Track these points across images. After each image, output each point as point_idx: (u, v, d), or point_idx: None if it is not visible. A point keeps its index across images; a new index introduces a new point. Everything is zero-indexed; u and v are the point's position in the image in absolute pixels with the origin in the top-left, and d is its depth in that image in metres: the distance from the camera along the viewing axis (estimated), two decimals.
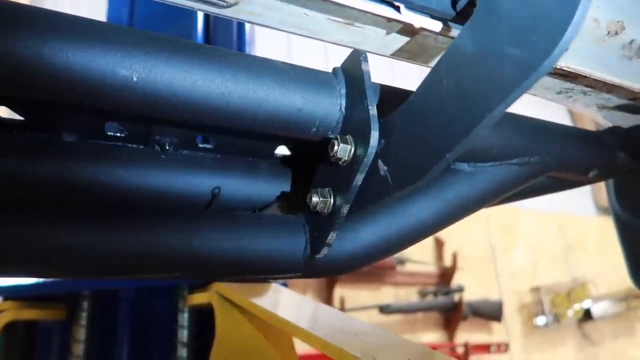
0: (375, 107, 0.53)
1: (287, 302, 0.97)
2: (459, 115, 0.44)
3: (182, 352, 1.16)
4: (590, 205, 6.23)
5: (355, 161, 0.55)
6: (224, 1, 0.51)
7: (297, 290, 3.81)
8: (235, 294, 0.97)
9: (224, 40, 1.57)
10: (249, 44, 1.60)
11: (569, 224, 5.83)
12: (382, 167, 0.54)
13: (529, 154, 0.74)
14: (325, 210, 0.59)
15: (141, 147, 0.68)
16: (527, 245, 5.49)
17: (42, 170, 0.62)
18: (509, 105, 0.40)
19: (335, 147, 0.56)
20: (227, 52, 0.56)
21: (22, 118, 0.62)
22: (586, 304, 5.48)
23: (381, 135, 0.54)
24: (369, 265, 0.71)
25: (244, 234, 0.63)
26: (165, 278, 0.63)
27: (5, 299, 1.19)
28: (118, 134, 0.67)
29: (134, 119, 0.64)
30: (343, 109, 0.59)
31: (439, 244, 4.71)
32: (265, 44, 3.70)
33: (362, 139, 0.54)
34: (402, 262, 4.35)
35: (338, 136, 0.56)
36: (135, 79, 0.49)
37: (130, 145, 0.68)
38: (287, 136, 0.62)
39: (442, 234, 4.64)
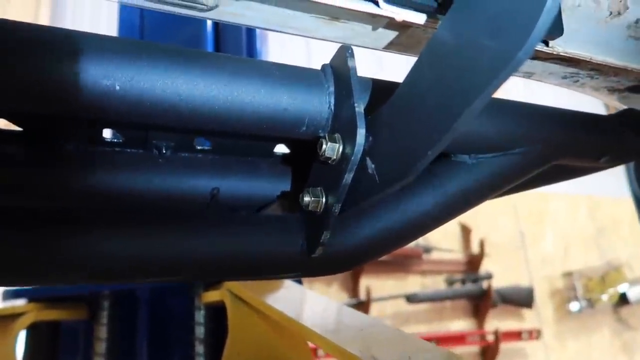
0: (361, 104, 0.52)
1: (297, 299, 0.98)
2: (439, 110, 0.43)
3: (199, 348, 1.18)
4: (623, 187, 6.03)
5: (343, 160, 0.54)
6: (204, 4, 0.51)
7: (322, 281, 3.83)
8: (247, 291, 0.98)
9: (234, 45, 1.58)
10: (260, 48, 1.60)
11: (601, 207, 5.67)
12: (370, 165, 0.53)
13: (532, 142, 0.72)
14: (318, 210, 0.59)
15: (140, 151, 0.69)
16: (557, 229, 5.36)
17: (43, 179, 0.64)
18: (487, 98, 0.39)
19: (324, 146, 0.55)
20: (211, 55, 0.56)
21: (20, 129, 0.63)
22: (621, 287, 5.33)
23: (369, 133, 0.53)
24: (369, 261, 0.70)
25: (242, 234, 0.64)
26: (165, 281, 0.63)
27: (30, 300, 1.23)
28: (115, 140, 0.67)
29: (129, 125, 0.65)
30: (332, 107, 0.58)
31: (466, 232, 4.64)
32: (283, 48, 3.70)
33: (349, 137, 0.53)
34: (428, 250, 4.31)
35: (326, 135, 0.56)
36: (117, 87, 0.49)
37: (128, 150, 0.68)
38: (278, 136, 0.61)
39: (469, 221, 4.58)
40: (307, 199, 0.59)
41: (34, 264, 0.54)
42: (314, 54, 4.10)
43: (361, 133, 0.51)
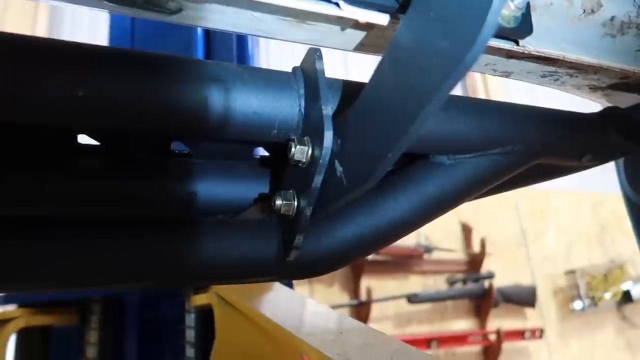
0: (329, 107, 0.52)
1: (282, 301, 0.97)
2: (397, 113, 0.42)
3: (190, 352, 1.18)
4: None
5: (313, 163, 0.54)
6: (167, 9, 0.51)
7: (323, 283, 3.82)
8: (231, 294, 0.98)
9: (224, 51, 1.58)
10: (251, 52, 1.60)
11: (604, 203, 5.63)
12: (339, 168, 0.53)
13: (511, 142, 0.71)
14: (290, 213, 0.59)
15: (115, 157, 0.69)
16: (560, 227, 5.34)
17: (16, 187, 0.64)
18: (442, 99, 0.38)
19: (293, 149, 0.55)
20: (180, 59, 0.56)
21: None
22: (625, 285, 5.30)
23: (337, 135, 0.53)
24: (346, 264, 0.70)
25: (217, 239, 0.63)
26: (138, 287, 0.63)
27: (20, 305, 1.23)
28: (91, 146, 0.67)
29: (104, 131, 0.65)
30: (302, 110, 0.58)
31: (467, 231, 4.62)
32: (277, 57, 3.70)
33: (318, 140, 0.53)
34: (429, 250, 4.30)
35: (295, 138, 0.55)
36: (80, 93, 0.49)
37: (103, 156, 0.68)
38: (248, 139, 0.61)
39: (470, 219, 4.57)
40: (279, 202, 0.58)
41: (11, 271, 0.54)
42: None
43: (328, 136, 0.51)
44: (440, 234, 4.43)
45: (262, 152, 0.77)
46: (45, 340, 1.32)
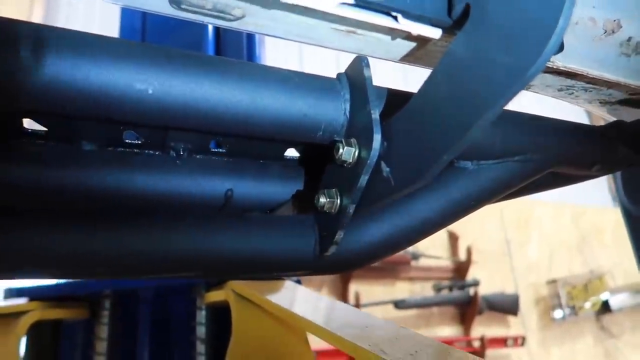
0: (377, 112, 0.56)
1: (301, 298, 1.01)
2: (453, 119, 0.46)
3: (201, 348, 1.20)
4: (606, 196, 6.16)
5: (359, 163, 0.57)
6: (231, 15, 0.54)
7: (312, 286, 3.85)
8: (251, 291, 1.01)
9: (234, 48, 1.61)
10: (258, 51, 1.64)
11: (585, 216, 5.79)
12: (385, 169, 0.57)
13: (530, 151, 0.76)
14: (333, 210, 0.62)
15: (157, 153, 0.71)
16: (543, 237, 5.46)
17: (64, 178, 0.66)
18: (500, 109, 0.43)
19: (341, 150, 0.58)
20: (235, 62, 0.59)
21: (44, 128, 0.66)
22: (604, 296, 5.44)
23: (384, 138, 0.57)
24: (376, 261, 0.74)
25: (255, 234, 0.67)
26: (182, 277, 0.66)
27: (31, 299, 1.24)
28: (135, 141, 0.70)
29: (150, 127, 0.68)
30: (347, 113, 0.61)
31: (453, 239, 4.71)
32: (276, 51, 3.74)
33: (365, 142, 0.56)
34: (416, 257, 4.36)
35: (343, 139, 0.59)
36: (150, 92, 0.52)
37: (146, 151, 0.71)
38: (295, 140, 0.64)
39: (456, 228, 4.64)
40: (322, 200, 0.62)
41: (59, 259, 0.57)
42: (306, 61, 4.14)
43: (377, 138, 0.55)
44: (428, 242, 4.50)
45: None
46: (56, 334, 1.33)
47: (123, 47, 0.53)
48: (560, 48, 0.60)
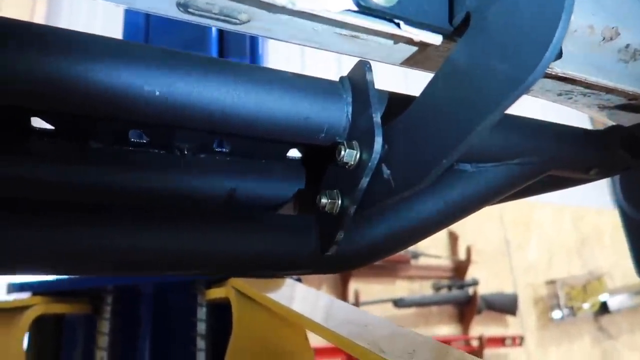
0: (379, 115, 0.57)
1: (301, 296, 1.02)
2: (453, 124, 0.48)
3: (201, 344, 1.22)
4: (606, 198, 6.17)
5: (360, 165, 0.59)
6: (237, 19, 0.55)
7: (312, 284, 3.87)
8: (251, 288, 1.02)
9: (238, 47, 1.62)
10: (261, 52, 1.65)
11: (584, 217, 5.80)
12: (386, 171, 0.58)
13: (529, 154, 0.77)
14: (334, 211, 0.63)
15: (162, 152, 0.73)
16: (542, 238, 5.48)
17: (71, 176, 0.67)
18: (498, 116, 0.44)
19: (342, 152, 0.60)
20: (240, 65, 0.60)
21: (52, 127, 0.67)
22: (602, 297, 5.46)
23: (385, 141, 0.58)
24: (376, 261, 0.75)
25: (257, 233, 0.68)
26: (184, 275, 0.67)
27: (34, 294, 1.25)
28: (141, 140, 0.71)
29: (156, 127, 0.69)
30: (349, 116, 0.63)
31: (453, 238, 4.72)
32: (278, 54, 3.75)
33: (367, 145, 0.58)
34: (415, 256, 4.38)
35: (345, 142, 0.60)
36: (157, 93, 0.53)
37: (151, 150, 0.72)
38: (298, 141, 0.66)
39: (456, 228, 4.66)
40: (324, 200, 0.63)
41: (63, 255, 0.58)
42: (308, 63, 4.16)
43: (378, 141, 0.56)
44: (428, 241, 4.47)
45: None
46: (58, 329, 1.35)
47: (131, 48, 0.54)
48: (559, 55, 0.62)
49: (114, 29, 1.88)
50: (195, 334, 1.24)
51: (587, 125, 0.96)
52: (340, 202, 0.63)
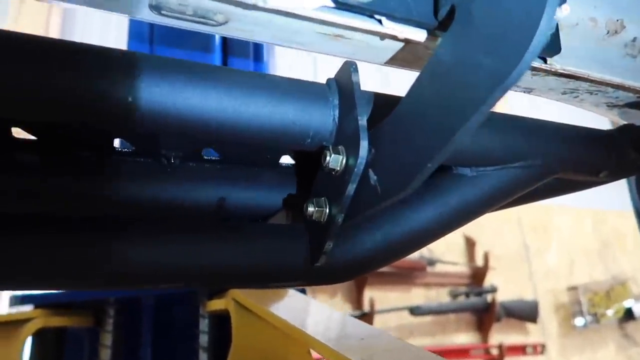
0: (364, 118, 0.54)
1: (299, 308, 0.99)
2: (438, 125, 0.44)
3: (203, 356, 1.19)
4: (627, 199, 6.00)
5: (347, 171, 0.56)
6: (214, 20, 0.53)
7: (326, 292, 3.83)
8: (250, 300, 1.00)
9: (242, 53, 1.60)
10: (266, 56, 1.63)
11: (606, 220, 5.65)
12: (373, 177, 0.55)
13: (532, 156, 0.73)
14: (322, 220, 0.60)
15: (149, 160, 0.71)
16: (562, 243, 5.34)
17: (55, 186, 0.66)
18: (484, 114, 0.40)
19: (328, 158, 0.57)
20: (221, 69, 0.58)
21: (33, 137, 0.65)
22: (627, 302, 5.29)
23: (372, 145, 0.55)
24: (373, 270, 0.72)
25: (246, 243, 0.65)
26: (171, 287, 0.65)
27: (36, 306, 1.25)
28: (126, 149, 0.70)
29: (139, 135, 0.67)
30: (336, 120, 0.60)
31: (470, 244, 4.63)
32: (289, 58, 3.74)
33: (353, 150, 0.55)
34: (432, 262, 4.30)
35: (330, 147, 0.57)
36: (130, 99, 0.51)
37: (137, 159, 0.70)
38: (284, 147, 0.63)
39: (473, 234, 4.57)
40: (311, 209, 0.60)
41: (47, 269, 0.56)
42: (320, 68, 4.14)
43: (364, 145, 0.53)
44: (444, 247, 4.44)
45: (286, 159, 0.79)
46: (60, 342, 1.34)
47: (103, 54, 0.52)
48: (558, 49, 0.58)
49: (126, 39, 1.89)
50: (198, 346, 1.22)
51: (607, 127, 0.91)
52: (327, 210, 0.60)
